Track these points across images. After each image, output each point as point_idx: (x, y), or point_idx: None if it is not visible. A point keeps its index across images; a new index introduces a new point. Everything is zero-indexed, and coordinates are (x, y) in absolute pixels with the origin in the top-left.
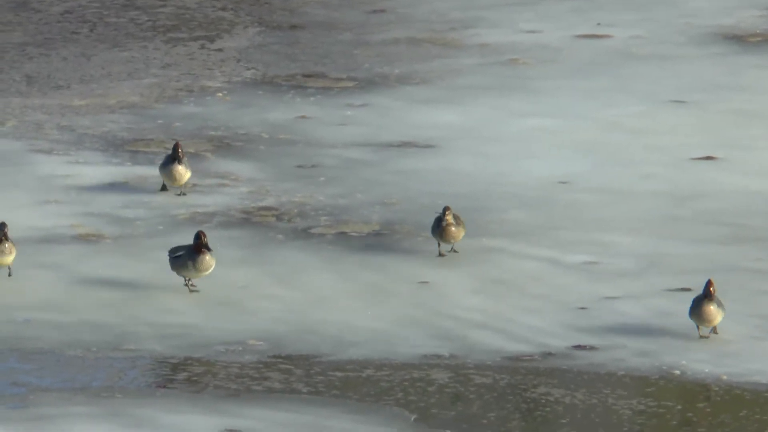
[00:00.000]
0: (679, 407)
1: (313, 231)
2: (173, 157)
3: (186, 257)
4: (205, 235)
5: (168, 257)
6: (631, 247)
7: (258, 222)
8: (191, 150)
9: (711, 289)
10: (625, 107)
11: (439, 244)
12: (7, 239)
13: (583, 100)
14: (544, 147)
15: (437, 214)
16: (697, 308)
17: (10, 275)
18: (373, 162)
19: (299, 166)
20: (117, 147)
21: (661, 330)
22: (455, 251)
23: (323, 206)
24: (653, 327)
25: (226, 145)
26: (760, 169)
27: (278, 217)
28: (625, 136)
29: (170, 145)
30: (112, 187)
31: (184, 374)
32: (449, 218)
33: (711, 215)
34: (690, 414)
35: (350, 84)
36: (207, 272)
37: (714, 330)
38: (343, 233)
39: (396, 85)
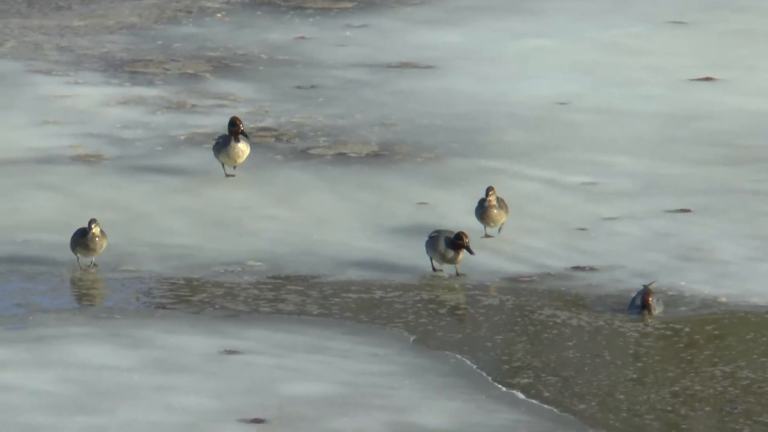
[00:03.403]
0: (687, 329)
1: (312, 152)
2: (232, 133)
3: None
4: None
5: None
6: (630, 167)
7: (257, 142)
8: (190, 71)
9: (648, 303)
10: (625, 28)
11: (485, 228)
12: (96, 234)
13: (582, 20)
14: (544, 67)
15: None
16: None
17: (94, 265)
18: (372, 83)
19: (298, 87)
20: (116, 68)
21: (660, 250)
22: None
23: (322, 127)
24: (652, 248)
25: (225, 66)
26: (758, 89)
27: (277, 138)
28: (624, 56)
29: (169, 66)
30: (111, 107)
31: (184, 295)
32: (492, 199)
33: (710, 136)
34: (697, 336)
35: (349, 4)
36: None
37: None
38: (342, 154)
39: (396, 6)
